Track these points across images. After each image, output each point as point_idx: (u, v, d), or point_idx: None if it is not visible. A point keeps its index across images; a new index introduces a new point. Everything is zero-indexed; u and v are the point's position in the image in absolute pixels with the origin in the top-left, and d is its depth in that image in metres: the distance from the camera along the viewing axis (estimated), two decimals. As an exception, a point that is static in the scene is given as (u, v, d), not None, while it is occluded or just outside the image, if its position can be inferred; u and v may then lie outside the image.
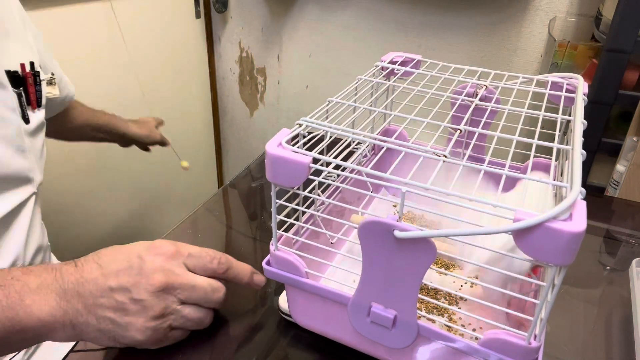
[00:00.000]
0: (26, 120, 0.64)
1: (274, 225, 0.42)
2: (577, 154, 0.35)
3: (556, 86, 0.50)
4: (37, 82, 0.67)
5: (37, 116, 0.67)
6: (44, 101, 0.70)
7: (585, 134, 0.39)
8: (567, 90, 0.48)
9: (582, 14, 1.42)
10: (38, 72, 0.67)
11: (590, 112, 1.27)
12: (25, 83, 0.64)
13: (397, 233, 0.32)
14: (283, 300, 0.50)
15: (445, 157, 0.34)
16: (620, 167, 1.25)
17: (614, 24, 1.16)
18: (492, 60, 1.52)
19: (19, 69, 0.64)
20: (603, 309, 0.54)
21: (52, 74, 0.75)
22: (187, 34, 1.71)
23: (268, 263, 0.45)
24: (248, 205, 0.76)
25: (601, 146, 1.31)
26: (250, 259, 0.62)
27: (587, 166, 1.33)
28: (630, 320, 0.51)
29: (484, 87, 0.50)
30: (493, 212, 0.30)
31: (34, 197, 0.68)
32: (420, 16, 1.51)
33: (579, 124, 0.39)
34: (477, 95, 0.48)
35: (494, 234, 0.31)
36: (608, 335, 0.50)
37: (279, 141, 0.38)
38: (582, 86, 0.47)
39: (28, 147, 0.64)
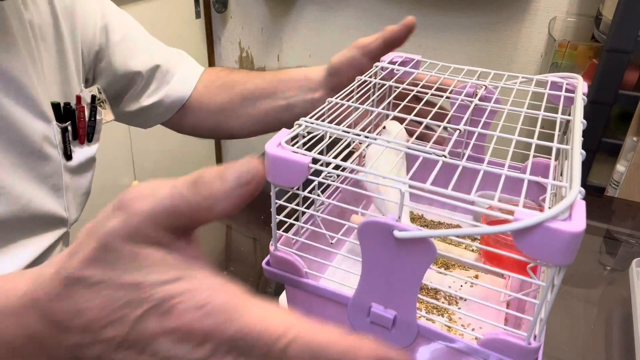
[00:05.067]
0: (68, 156, 0.59)
1: (273, 225, 0.42)
2: (577, 154, 0.35)
3: (556, 86, 0.50)
4: (92, 116, 0.61)
5: (85, 152, 0.62)
6: (97, 136, 0.63)
7: (585, 134, 0.39)
8: (567, 90, 0.48)
9: (582, 14, 1.42)
10: (95, 107, 0.62)
11: (590, 112, 1.27)
12: (74, 117, 0.59)
13: (396, 233, 0.32)
14: (283, 300, 0.50)
15: (445, 157, 0.34)
16: (620, 167, 1.25)
17: (614, 24, 1.17)
18: (492, 60, 1.52)
19: (73, 101, 0.58)
20: (603, 309, 0.54)
21: (99, 92, 0.65)
22: (187, 34, 1.71)
23: (268, 263, 0.45)
24: (248, 205, 0.76)
25: (601, 146, 1.31)
26: (250, 259, 0.62)
27: (587, 166, 1.33)
28: (630, 320, 0.50)
29: (484, 87, 0.50)
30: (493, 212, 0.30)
31: (64, 237, 0.62)
32: (420, 16, 1.51)
33: (579, 124, 0.39)
34: (476, 95, 0.48)
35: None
36: (608, 335, 0.50)
37: (279, 141, 0.38)
38: (581, 86, 0.47)
39: (67, 184, 0.59)
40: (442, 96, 0.47)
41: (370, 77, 0.51)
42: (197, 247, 0.27)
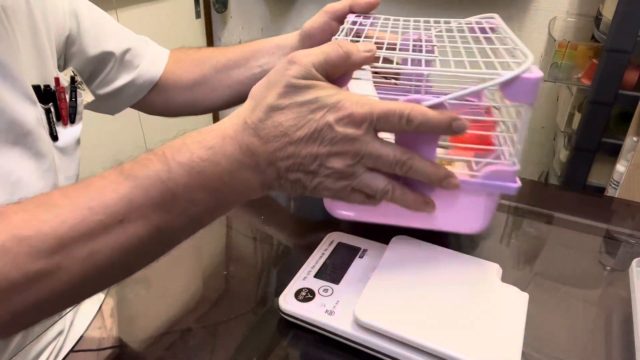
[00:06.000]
0: (54, 137, 0.60)
1: None
2: (518, 40, 0.48)
3: (479, 25, 0.61)
4: (72, 97, 0.62)
5: (70, 133, 0.63)
6: (79, 117, 0.64)
7: (586, 134, 0.44)
8: (489, 25, 0.59)
9: (582, 14, 1.42)
10: (76, 87, 0.63)
11: (590, 112, 1.27)
12: (55, 98, 0.60)
13: (424, 104, 0.41)
14: (283, 301, 0.50)
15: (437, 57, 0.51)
16: (620, 167, 1.25)
17: (614, 24, 1.17)
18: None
19: (52, 83, 0.59)
20: (603, 309, 0.54)
21: (74, 74, 0.65)
22: (187, 34, 1.71)
23: None
24: (248, 205, 0.76)
25: (601, 146, 1.31)
26: (251, 259, 0.62)
27: (587, 166, 1.33)
28: (630, 320, 0.50)
29: (425, 33, 0.59)
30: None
31: None
32: (420, 16, 1.51)
33: (511, 33, 0.52)
34: (421, 41, 0.55)
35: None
36: (608, 335, 0.50)
37: None
38: (501, 21, 0.59)
39: (58, 166, 0.59)
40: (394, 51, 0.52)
41: (343, 35, 0.56)
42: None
